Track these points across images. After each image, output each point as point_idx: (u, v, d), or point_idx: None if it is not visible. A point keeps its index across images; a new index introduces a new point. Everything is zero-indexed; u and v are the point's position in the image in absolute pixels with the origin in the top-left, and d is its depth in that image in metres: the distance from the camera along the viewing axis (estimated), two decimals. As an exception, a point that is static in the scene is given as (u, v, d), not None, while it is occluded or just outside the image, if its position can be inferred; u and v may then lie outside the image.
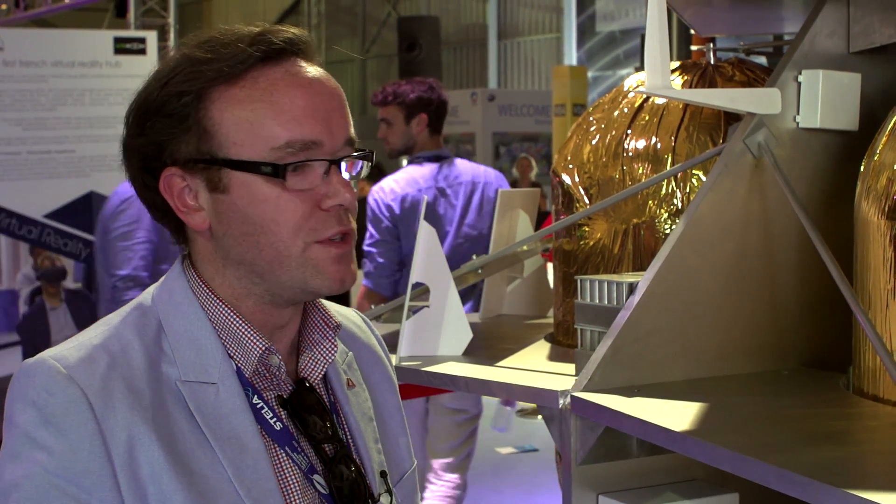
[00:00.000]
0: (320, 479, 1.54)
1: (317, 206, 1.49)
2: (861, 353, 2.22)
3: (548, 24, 19.36)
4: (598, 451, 2.26)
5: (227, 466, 1.46)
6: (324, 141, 1.49)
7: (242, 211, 1.48)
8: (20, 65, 7.20)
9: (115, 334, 1.50)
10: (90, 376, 1.44)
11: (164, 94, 1.49)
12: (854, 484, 1.68)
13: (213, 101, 1.48)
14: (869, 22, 2.47)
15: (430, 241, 2.78)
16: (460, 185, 5.23)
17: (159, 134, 1.49)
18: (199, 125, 1.48)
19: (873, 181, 2.17)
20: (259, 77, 1.49)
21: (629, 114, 2.86)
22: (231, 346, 1.53)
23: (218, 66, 1.48)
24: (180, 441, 1.45)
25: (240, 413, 1.50)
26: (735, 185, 2.41)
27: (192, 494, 1.42)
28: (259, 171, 1.47)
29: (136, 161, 1.53)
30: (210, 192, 1.50)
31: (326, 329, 1.62)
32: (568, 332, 2.89)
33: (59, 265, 7.69)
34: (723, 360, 2.41)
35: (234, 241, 1.50)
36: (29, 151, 7.20)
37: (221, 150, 1.48)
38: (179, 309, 1.53)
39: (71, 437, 1.41)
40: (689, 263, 2.36)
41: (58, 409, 1.41)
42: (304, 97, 1.49)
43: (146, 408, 1.44)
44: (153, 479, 1.42)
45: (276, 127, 1.47)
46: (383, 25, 21.27)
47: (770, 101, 2.42)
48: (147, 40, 7.65)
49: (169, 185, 1.51)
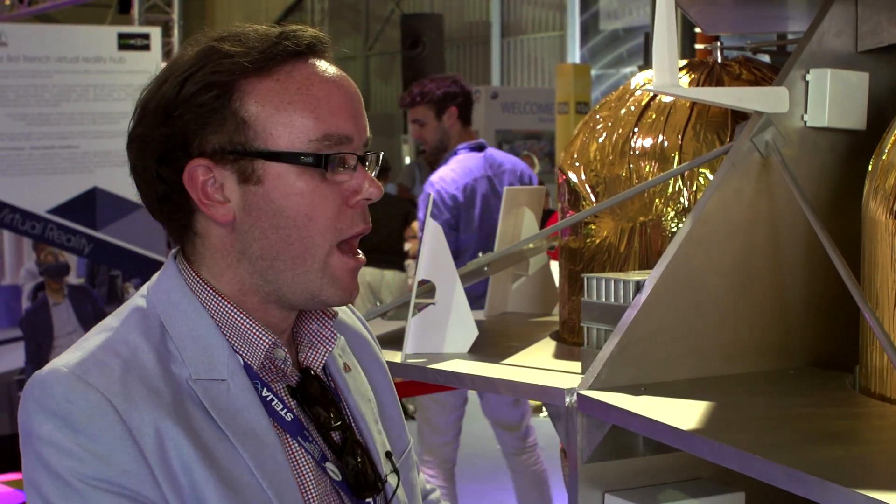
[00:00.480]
0: (332, 467, 1.56)
1: (345, 202, 1.51)
2: (868, 353, 2.22)
3: (551, 22, 19.35)
4: (605, 449, 2.26)
5: (248, 459, 1.47)
6: (354, 136, 1.52)
7: (276, 203, 1.49)
8: (24, 60, 7.19)
9: (121, 338, 1.49)
10: (107, 379, 1.44)
11: (191, 86, 1.49)
12: (862, 483, 1.67)
13: (247, 94, 1.49)
14: (877, 21, 2.47)
15: (437, 238, 2.78)
16: (503, 172, 5.47)
17: (186, 125, 1.49)
18: (236, 116, 1.49)
19: (881, 180, 2.17)
20: (293, 71, 1.51)
21: (636, 112, 2.85)
22: (236, 343, 1.53)
23: (249, 59, 1.49)
24: (203, 436, 1.45)
25: (252, 407, 1.51)
26: (742, 183, 2.40)
27: (223, 486, 1.44)
28: (298, 161, 1.48)
29: (153, 153, 1.53)
30: (240, 183, 1.50)
31: (325, 318, 1.64)
32: (573, 330, 2.88)
33: (62, 261, 7.69)
34: (729, 359, 2.41)
35: (261, 234, 1.50)
36: (32, 147, 7.20)
37: (257, 140, 1.49)
38: (179, 308, 1.53)
39: (101, 442, 1.40)
40: (696, 262, 2.36)
41: (82, 416, 1.41)
42: (339, 94, 1.52)
43: (167, 405, 1.45)
44: (184, 471, 1.42)
45: (314, 119, 1.49)
46: (386, 23, 21.27)
47: (778, 100, 2.42)
48: (151, 36, 7.64)
49: (193, 176, 1.51)
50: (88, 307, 7.50)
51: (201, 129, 1.49)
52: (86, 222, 7.40)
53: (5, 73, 7.11)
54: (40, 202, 7.25)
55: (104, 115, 7.39)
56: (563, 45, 19.03)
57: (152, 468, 1.41)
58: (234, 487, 1.45)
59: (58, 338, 7.37)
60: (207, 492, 1.43)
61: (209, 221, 1.54)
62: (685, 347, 2.36)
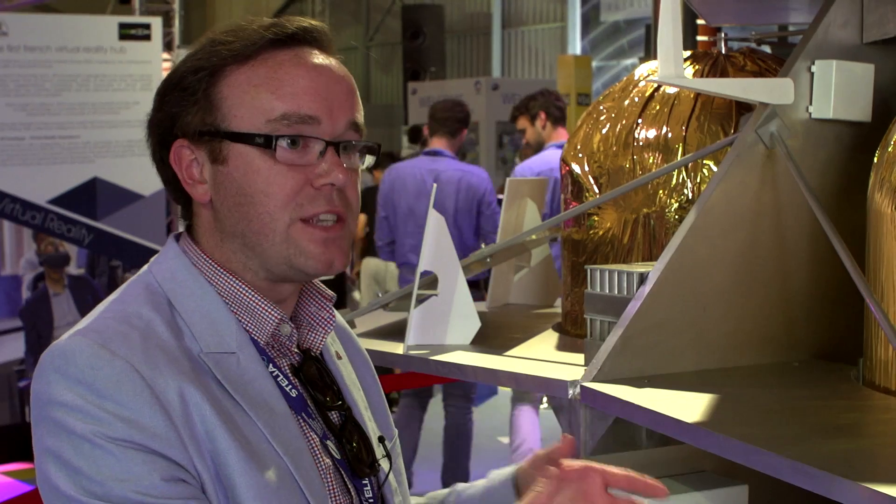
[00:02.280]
0: (332, 446, 1.58)
1: (309, 183, 1.53)
2: (873, 345, 2.21)
3: (552, 14, 19.31)
4: (608, 441, 2.26)
5: (263, 428, 1.49)
6: (321, 118, 1.53)
7: (237, 181, 1.53)
8: (24, 50, 7.17)
9: (134, 312, 1.51)
10: (129, 348, 1.45)
11: (182, 70, 1.56)
12: (867, 476, 1.67)
13: (223, 78, 1.54)
14: (883, 13, 2.46)
15: (439, 229, 2.77)
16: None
17: (172, 106, 1.56)
18: (207, 99, 1.54)
19: (887, 172, 2.16)
20: (269, 59, 1.54)
21: (640, 103, 2.84)
22: (243, 318, 1.56)
23: (233, 47, 1.54)
24: (220, 404, 1.48)
25: (263, 379, 1.54)
26: (747, 175, 2.39)
27: (244, 453, 1.46)
28: (252, 142, 1.52)
29: (154, 136, 1.59)
30: (212, 163, 1.55)
31: (323, 300, 1.66)
32: (576, 321, 2.88)
33: (63, 251, 7.68)
34: (733, 351, 2.40)
35: (229, 212, 1.55)
36: (33, 137, 7.18)
37: (224, 122, 1.54)
38: (185, 286, 1.55)
39: (129, 406, 1.42)
40: (700, 254, 2.35)
41: (109, 382, 1.42)
42: (307, 77, 1.54)
43: (187, 372, 1.47)
44: (208, 436, 1.45)
45: (273, 100, 1.52)
46: (387, 13, 21.21)
47: (783, 92, 2.41)
48: (152, 26, 7.63)
49: (178, 156, 1.57)
50: (89, 297, 7.49)
51: (184, 111, 1.55)
52: (86, 212, 7.39)
53: (6, 63, 7.10)
54: (41, 192, 7.24)
55: (105, 105, 7.37)
56: (563, 37, 18.99)
57: (179, 432, 1.43)
58: (254, 453, 1.47)
59: (58, 328, 7.36)
60: (230, 456, 1.45)
61: (197, 202, 1.59)
62: (689, 339, 2.35)
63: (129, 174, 7.38)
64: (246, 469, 1.45)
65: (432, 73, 16.82)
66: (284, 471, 1.49)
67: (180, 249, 1.59)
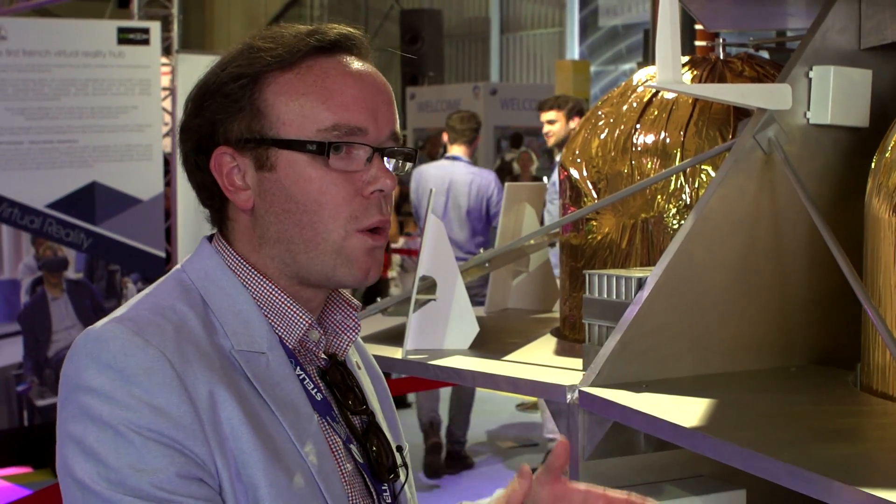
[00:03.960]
0: (355, 449, 1.60)
1: (358, 192, 1.54)
2: (870, 350, 2.21)
3: (550, 19, 19.33)
4: (606, 446, 2.26)
5: (288, 429, 1.50)
6: (369, 129, 1.55)
7: (287, 189, 1.54)
8: (23, 54, 7.16)
9: (169, 305, 1.53)
10: (163, 338, 1.47)
11: (223, 77, 1.56)
12: (864, 481, 1.67)
13: (268, 85, 1.54)
14: (881, 18, 2.46)
15: (438, 234, 2.77)
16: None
17: (215, 113, 1.56)
18: (253, 106, 1.54)
19: (884, 178, 2.17)
20: (314, 65, 1.55)
21: (638, 108, 2.85)
22: (274, 321, 1.58)
23: (275, 53, 1.55)
24: (248, 403, 1.49)
25: (290, 381, 1.55)
26: (745, 180, 2.40)
27: (268, 452, 1.47)
28: (304, 149, 1.53)
29: (190, 142, 1.59)
30: (257, 170, 1.55)
31: (349, 308, 1.68)
32: (574, 326, 2.88)
33: (61, 255, 7.67)
34: (731, 356, 2.41)
35: (275, 218, 1.55)
36: (31, 141, 7.17)
37: (271, 129, 1.54)
38: (219, 285, 1.57)
39: (158, 395, 1.43)
40: (698, 259, 2.36)
41: (140, 370, 1.43)
42: (355, 86, 1.55)
43: (217, 369, 1.48)
44: (233, 435, 1.46)
45: (324, 110, 1.53)
46: (386, 18, 21.24)
47: (781, 97, 2.42)
48: (150, 31, 7.62)
49: (219, 163, 1.56)
50: (87, 302, 7.49)
51: (226, 118, 1.55)
52: (85, 217, 7.38)
53: (4, 68, 7.09)
54: (39, 197, 7.23)
55: (103, 110, 7.37)
56: (562, 42, 19.01)
57: (204, 426, 1.44)
58: (277, 454, 1.48)
59: (56, 332, 7.36)
60: (253, 456, 1.46)
61: (236, 207, 1.59)
62: (687, 344, 2.36)
63: (128, 178, 7.38)
64: (269, 469, 1.46)
65: (430, 78, 16.83)
66: (307, 472, 1.50)
67: (214, 249, 1.61)
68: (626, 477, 2.28)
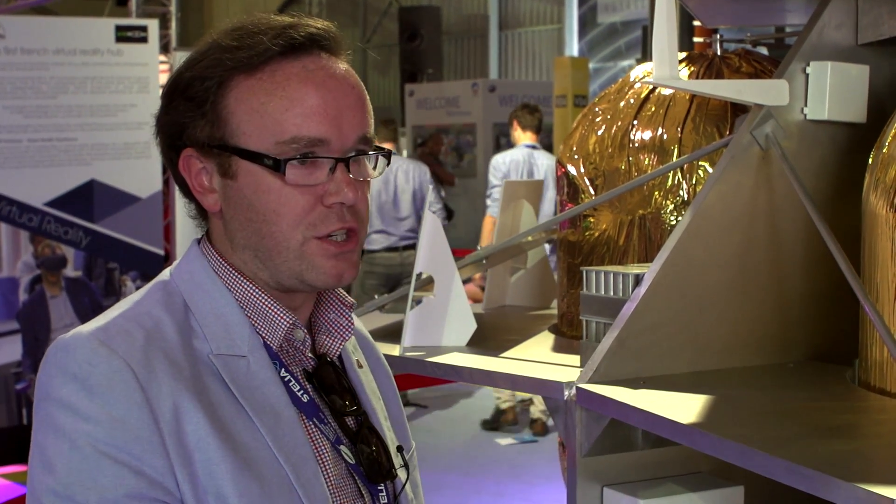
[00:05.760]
0: (346, 451, 1.58)
1: (319, 201, 1.52)
2: (868, 347, 2.21)
3: (549, 15, 19.31)
4: (604, 442, 2.26)
5: (266, 434, 1.49)
6: (331, 139, 1.52)
7: (248, 198, 1.52)
8: (21, 52, 7.16)
9: (145, 311, 1.52)
10: (130, 348, 1.46)
11: (189, 77, 1.54)
12: (862, 478, 1.67)
13: (230, 90, 1.52)
14: (878, 14, 2.46)
15: (435, 231, 2.77)
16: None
17: (181, 115, 1.54)
18: (215, 111, 1.52)
19: (881, 174, 2.17)
20: (277, 70, 1.52)
21: (635, 104, 2.85)
22: (257, 322, 1.57)
23: (239, 56, 1.52)
24: (220, 411, 1.48)
25: (271, 384, 1.53)
26: (742, 176, 2.40)
27: (238, 461, 1.45)
28: (262, 162, 1.51)
29: (163, 138, 1.59)
30: (221, 176, 1.54)
31: (342, 307, 1.66)
32: (572, 323, 2.88)
33: (60, 253, 7.67)
34: (729, 353, 2.40)
35: (240, 226, 1.55)
36: (30, 139, 7.17)
37: (232, 138, 1.52)
38: (202, 288, 1.56)
39: (118, 406, 1.42)
40: (696, 255, 2.35)
41: (102, 380, 1.43)
42: (317, 95, 1.51)
43: (187, 378, 1.47)
44: (199, 446, 1.44)
45: (284, 122, 1.50)
46: (384, 15, 21.21)
47: (778, 93, 2.41)
48: (148, 29, 7.62)
49: (188, 165, 1.56)
50: (86, 300, 7.49)
51: (192, 121, 1.54)
52: (83, 215, 7.38)
53: (3, 66, 7.09)
54: (38, 195, 7.23)
55: (102, 108, 7.36)
56: (560, 39, 18.99)
57: (164, 439, 1.43)
58: (250, 462, 1.47)
59: (55, 330, 7.36)
60: (221, 466, 1.44)
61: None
62: (684, 341, 2.35)
63: (127, 176, 7.38)
64: (238, 478, 1.45)
65: (429, 75, 16.81)
66: (283, 478, 1.48)
67: (199, 252, 1.60)
68: (623, 474, 2.28)
